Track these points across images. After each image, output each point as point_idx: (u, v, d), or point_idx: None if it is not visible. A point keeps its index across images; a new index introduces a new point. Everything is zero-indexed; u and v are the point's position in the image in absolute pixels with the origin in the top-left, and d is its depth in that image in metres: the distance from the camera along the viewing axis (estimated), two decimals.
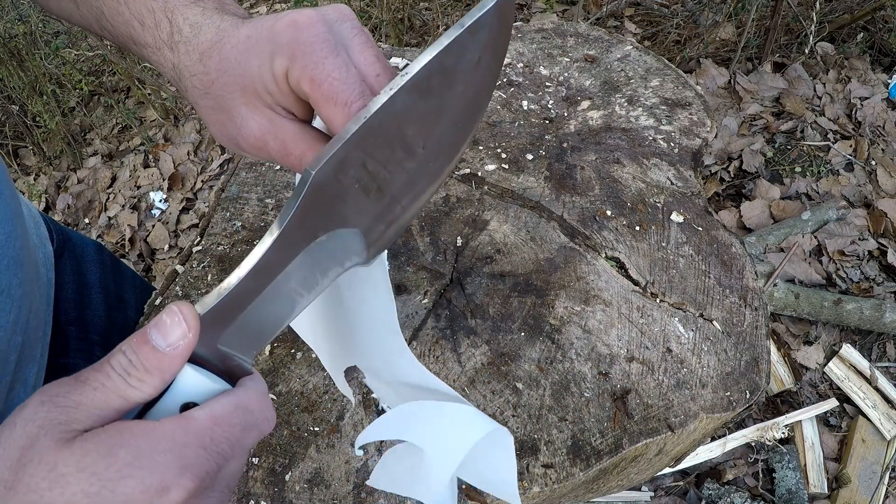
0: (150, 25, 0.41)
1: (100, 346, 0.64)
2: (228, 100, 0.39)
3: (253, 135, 0.39)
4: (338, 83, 0.35)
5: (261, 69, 0.37)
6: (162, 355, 0.30)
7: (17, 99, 2.37)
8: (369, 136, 0.33)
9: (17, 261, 0.49)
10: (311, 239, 0.34)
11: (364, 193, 0.35)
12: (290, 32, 0.36)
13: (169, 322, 0.30)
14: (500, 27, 0.38)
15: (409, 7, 2.38)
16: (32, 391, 0.53)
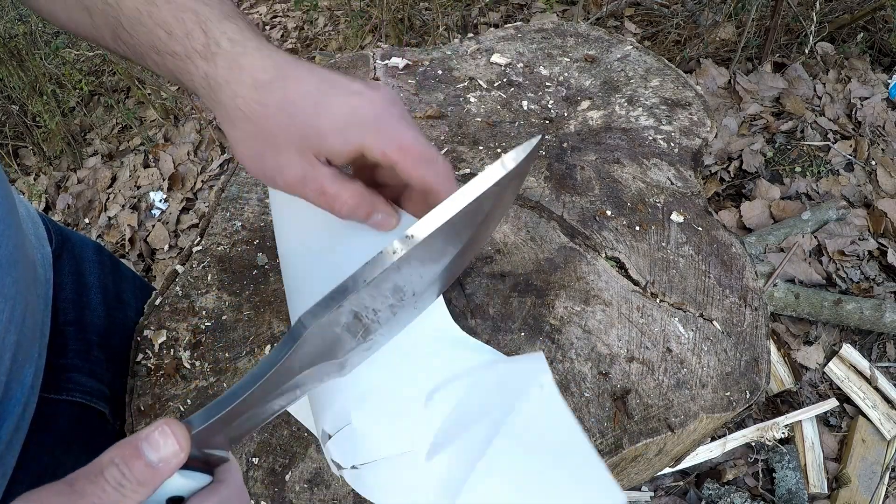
0: (180, 35, 0.43)
1: (98, 346, 0.64)
2: (282, 139, 0.42)
3: (294, 175, 0.43)
4: (423, 147, 0.42)
5: (332, 132, 0.41)
6: (154, 470, 0.31)
7: (17, 99, 2.37)
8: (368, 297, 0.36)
9: (11, 260, 0.49)
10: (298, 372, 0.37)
11: (351, 336, 0.38)
12: (372, 111, 0.42)
13: (161, 441, 0.32)
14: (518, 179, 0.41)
15: (409, 7, 2.38)
16: (30, 391, 0.53)
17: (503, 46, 1.01)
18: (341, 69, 0.98)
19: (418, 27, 2.48)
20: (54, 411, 0.57)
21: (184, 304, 0.67)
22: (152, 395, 0.61)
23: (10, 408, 0.50)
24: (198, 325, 0.65)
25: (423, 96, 0.92)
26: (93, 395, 0.61)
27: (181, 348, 0.64)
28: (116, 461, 0.31)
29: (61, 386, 0.59)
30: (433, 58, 1.00)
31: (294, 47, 2.85)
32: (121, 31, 0.45)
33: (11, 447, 0.51)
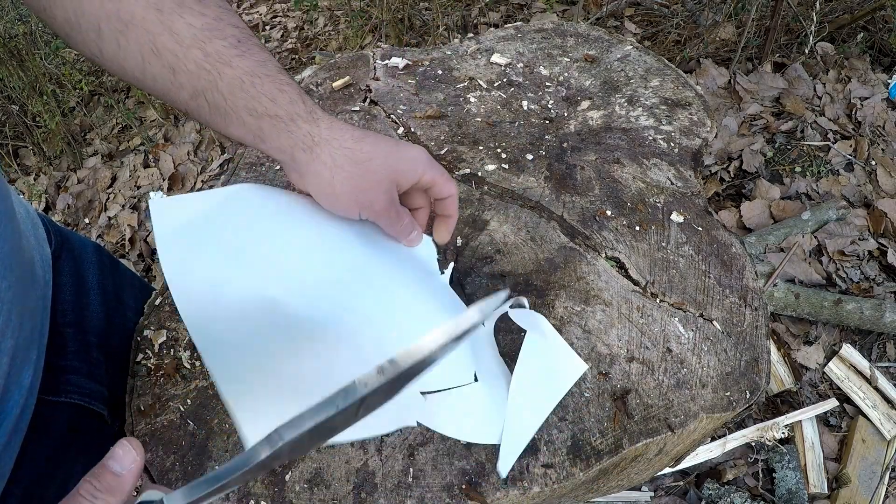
0: (284, 102, 0.53)
1: (98, 347, 0.64)
2: (380, 176, 0.56)
3: (386, 201, 0.57)
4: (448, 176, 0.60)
5: (407, 170, 0.57)
6: (119, 478, 0.38)
7: (17, 99, 2.37)
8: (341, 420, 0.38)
9: (7, 264, 0.49)
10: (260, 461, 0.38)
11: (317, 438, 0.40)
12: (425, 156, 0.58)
13: (122, 453, 0.39)
14: None
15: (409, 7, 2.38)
16: (29, 393, 0.53)
17: (503, 46, 1.01)
18: (341, 69, 0.98)
19: (418, 27, 2.48)
20: (52, 413, 0.57)
21: None
22: (152, 395, 0.61)
23: (7, 410, 0.50)
24: None
25: (423, 96, 0.92)
26: (91, 397, 0.61)
27: (181, 348, 0.64)
28: (88, 478, 0.38)
29: (60, 388, 0.59)
30: (433, 58, 1.00)
31: (294, 47, 2.85)
32: (212, 93, 0.51)
33: (9, 449, 0.51)
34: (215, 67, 0.50)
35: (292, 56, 2.81)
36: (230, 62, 0.51)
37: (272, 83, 0.53)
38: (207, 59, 0.50)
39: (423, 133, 0.85)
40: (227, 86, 0.51)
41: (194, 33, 0.49)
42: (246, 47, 0.52)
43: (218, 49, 0.50)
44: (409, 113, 0.89)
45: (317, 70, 0.99)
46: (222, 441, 0.57)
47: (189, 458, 0.56)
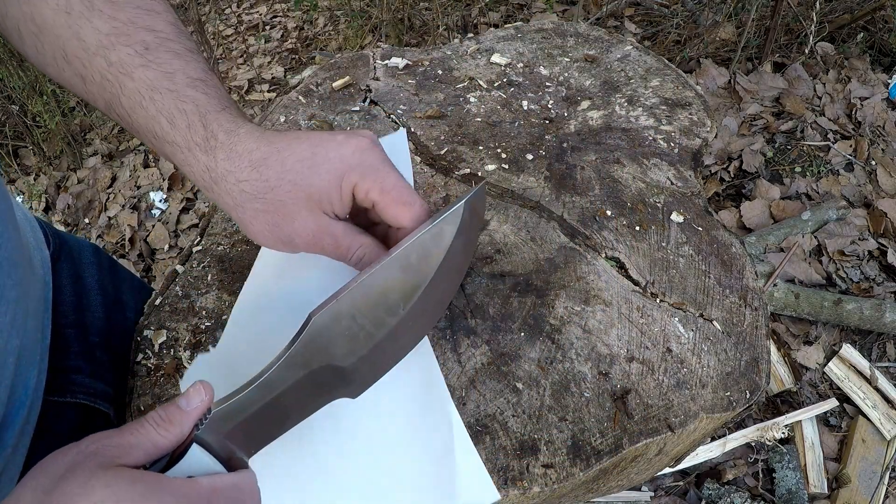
0: (182, 126, 0.45)
1: (100, 347, 0.64)
2: (290, 205, 0.46)
3: (310, 233, 0.47)
4: (403, 190, 0.47)
5: (329, 183, 0.46)
6: (184, 413, 0.40)
7: (17, 99, 2.37)
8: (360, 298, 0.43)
9: (11, 262, 0.49)
10: (308, 368, 0.42)
11: (352, 341, 0.44)
12: (359, 157, 0.46)
13: (193, 392, 0.40)
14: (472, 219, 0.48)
15: (409, 7, 2.38)
16: (34, 394, 0.53)
17: (503, 46, 1.01)
18: (341, 69, 0.98)
19: (418, 27, 2.48)
20: (58, 413, 0.57)
21: (184, 304, 0.67)
22: (152, 395, 0.61)
23: (15, 411, 0.50)
24: (198, 325, 0.65)
25: (423, 96, 0.92)
26: (96, 397, 0.61)
27: (181, 348, 0.64)
28: (157, 409, 0.40)
29: (65, 388, 0.59)
30: (433, 58, 1.00)
31: (294, 47, 2.85)
32: (118, 107, 0.46)
33: (18, 451, 0.51)
34: (117, 79, 0.45)
35: (292, 56, 2.81)
36: (132, 74, 0.44)
37: (174, 101, 0.45)
38: (111, 68, 0.45)
39: (423, 133, 0.85)
40: (128, 101, 0.45)
41: (100, 39, 0.44)
42: (154, 55, 0.45)
43: (122, 58, 0.44)
44: (409, 113, 0.89)
45: (317, 70, 0.99)
46: None
47: None
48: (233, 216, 0.48)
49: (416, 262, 0.45)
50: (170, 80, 0.45)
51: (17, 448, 0.50)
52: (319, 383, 0.44)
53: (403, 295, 0.46)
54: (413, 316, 0.47)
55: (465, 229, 0.48)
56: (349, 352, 0.44)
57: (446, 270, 0.48)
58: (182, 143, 0.45)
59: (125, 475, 0.35)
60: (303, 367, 0.42)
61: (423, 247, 0.45)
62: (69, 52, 0.45)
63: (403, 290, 0.45)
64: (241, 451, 0.42)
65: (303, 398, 0.44)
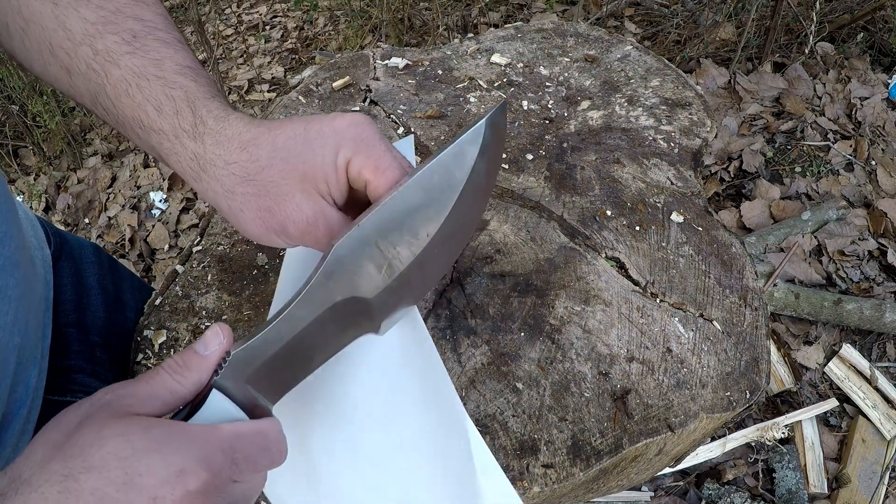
0: (169, 113, 0.43)
1: (100, 347, 0.64)
2: (283, 186, 0.42)
3: (306, 219, 0.43)
4: (397, 171, 0.43)
5: (325, 158, 0.42)
6: (202, 358, 0.37)
7: (17, 99, 2.37)
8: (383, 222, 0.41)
9: (13, 261, 0.49)
10: (331, 301, 0.40)
11: (377, 270, 0.42)
12: (354, 130, 0.43)
13: (210, 335, 0.38)
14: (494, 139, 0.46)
15: (409, 7, 2.38)
16: (35, 393, 0.53)
17: (503, 46, 1.01)
18: (341, 69, 0.98)
19: (418, 27, 2.48)
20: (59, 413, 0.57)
21: (184, 304, 0.67)
22: None
23: (15, 410, 0.50)
24: (198, 325, 0.65)
25: (423, 96, 0.92)
26: None
27: (181, 348, 0.64)
28: (174, 356, 0.38)
29: (65, 387, 0.59)
30: (433, 58, 1.00)
31: (294, 47, 2.85)
32: (103, 98, 0.44)
33: (18, 450, 0.51)
34: (103, 67, 0.43)
35: (292, 56, 2.81)
36: (118, 62, 0.43)
37: (162, 87, 0.43)
38: (96, 57, 0.43)
39: (423, 133, 0.85)
40: (114, 90, 0.43)
41: (86, 28, 0.43)
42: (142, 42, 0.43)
43: (108, 46, 0.43)
44: (409, 113, 0.89)
45: (317, 70, 0.99)
46: None
47: None
48: (222, 207, 0.45)
49: (439, 183, 0.43)
50: (157, 67, 0.43)
51: (17, 447, 0.50)
52: (343, 318, 0.42)
53: (427, 218, 0.43)
54: (438, 241, 0.45)
55: (488, 149, 0.45)
56: (373, 282, 0.42)
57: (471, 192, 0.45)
58: (169, 130, 0.43)
59: (140, 423, 0.33)
60: (325, 300, 0.40)
61: (445, 167, 0.43)
62: (55, 43, 0.44)
63: (427, 213, 0.43)
64: (264, 398, 0.40)
65: (326, 335, 0.42)
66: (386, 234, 0.42)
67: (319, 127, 0.43)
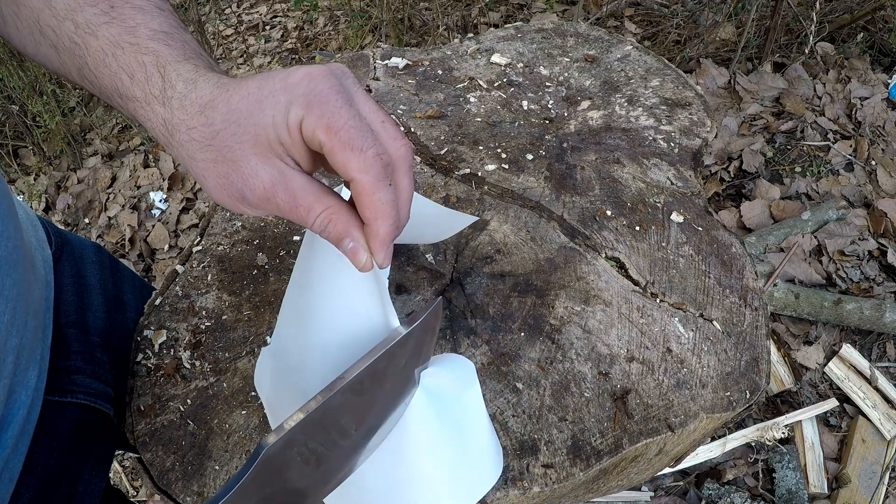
0: (141, 79, 0.42)
1: (101, 347, 0.64)
2: (237, 150, 0.39)
3: (262, 185, 0.39)
4: (354, 131, 0.37)
5: (275, 118, 0.38)
6: None
7: (17, 99, 2.37)
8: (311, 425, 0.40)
9: (10, 261, 0.48)
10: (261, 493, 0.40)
11: (305, 464, 0.42)
12: (306, 84, 0.38)
13: None
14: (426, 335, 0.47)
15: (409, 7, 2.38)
16: (34, 394, 0.53)
17: (503, 46, 1.01)
18: None
19: (418, 27, 2.48)
20: (59, 413, 0.57)
21: (184, 304, 0.67)
22: (152, 395, 0.61)
23: (14, 411, 0.50)
24: (198, 325, 0.65)
25: (423, 96, 0.92)
26: (97, 397, 0.61)
27: (181, 348, 0.64)
28: None
29: (65, 388, 0.59)
30: (433, 58, 1.00)
31: (294, 47, 2.85)
32: (86, 71, 0.44)
33: (17, 450, 0.51)
34: (83, 40, 0.43)
35: (292, 56, 2.81)
36: (96, 32, 0.43)
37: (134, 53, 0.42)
38: (77, 31, 0.44)
39: (423, 133, 0.85)
40: (94, 61, 0.43)
41: (68, 3, 0.44)
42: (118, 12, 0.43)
43: (88, 18, 0.43)
44: (409, 113, 0.89)
45: None
46: (222, 441, 0.57)
47: (189, 458, 0.56)
48: (191, 172, 0.43)
49: (369, 386, 0.43)
50: (132, 34, 0.43)
51: (16, 447, 0.50)
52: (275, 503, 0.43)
53: (355, 417, 0.44)
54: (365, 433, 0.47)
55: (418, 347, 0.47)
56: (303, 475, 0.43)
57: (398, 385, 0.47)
58: (141, 96, 0.42)
59: None
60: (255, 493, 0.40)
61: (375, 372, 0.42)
62: (42, 21, 0.44)
63: (355, 412, 0.43)
64: None
65: None
66: (314, 436, 0.41)
67: (272, 83, 0.39)
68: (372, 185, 0.38)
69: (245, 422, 0.58)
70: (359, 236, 0.41)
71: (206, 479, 0.55)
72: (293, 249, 0.71)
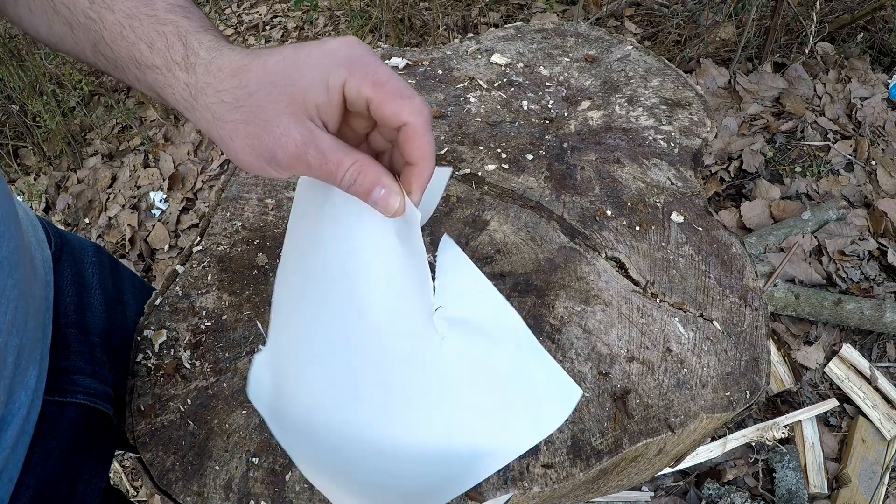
0: (161, 47, 0.44)
1: (100, 348, 0.64)
2: (271, 111, 0.41)
3: (294, 143, 0.41)
4: (399, 82, 0.41)
5: (313, 81, 0.41)
6: None
7: (17, 99, 2.37)
8: None
9: (12, 261, 0.48)
10: None
11: None
12: (346, 49, 0.41)
13: None
14: None
15: (409, 7, 2.38)
16: (34, 394, 0.53)
17: (503, 46, 1.01)
18: None
19: (418, 27, 2.48)
20: (58, 414, 0.57)
21: (184, 304, 0.67)
22: (152, 395, 0.61)
23: (14, 411, 0.50)
24: (198, 325, 0.65)
25: (423, 96, 0.92)
26: (96, 397, 0.61)
27: (181, 348, 0.64)
28: None
29: (65, 388, 0.59)
30: (433, 58, 1.00)
31: None
32: (102, 45, 0.46)
33: (16, 451, 0.51)
34: (99, 15, 0.45)
35: None
36: (112, 6, 0.45)
37: (153, 24, 0.44)
38: (93, 6, 0.45)
39: None
40: (110, 34, 0.45)
41: None
42: None
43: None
44: None
45: None
46: (222, 441, 0.57)
47: (189, 458, 0.56)
48: (214, 136, 0.44)
49: None
50: (149, 6, 0.45)
51: (15, 447, 0.50)
52: None
53: None
54: None
55: None
56: None
57: None
58: (161, 64, 0.44)
59: None
60: None
61: None
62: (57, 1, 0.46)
63: None
64: None
65: None
66: None
67: (309, 50, 0.42)
68: (424, 126, 0.42)
69: (245, 422, 0.58)
70: (390, 182, 0.43)
71: (206, 480, 0.55)
72: None
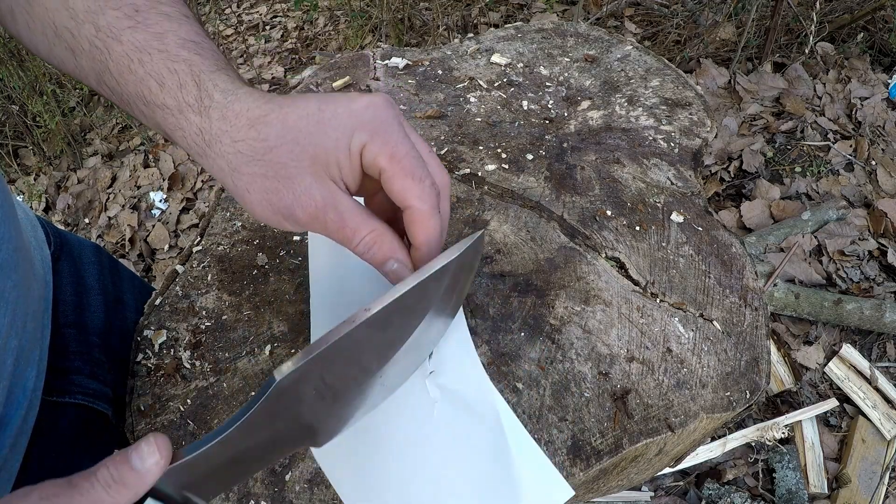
0: (172, 86, 0.42)
1: (99, 348, 0.64)
2: (292, 168, 0.40)
3: (315, 204, 0.40)
4: (414, 160, 0.40)
5: (338, 143, 0.40)
6: (138, 474, 0.35)
7: (17, 99, 2.37)
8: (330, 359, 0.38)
9: (11, 263, 0.48)
10: (271, 427, 0.39)
11: (320, 399, 0.41)
12: (372, 112, 0.40)
13: (146, 450, 0.35)
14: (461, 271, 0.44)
15: (409, 7, 2.38)
16: (33, 394, 0.53)
17: (503, 46, 1.01)
18: (341, 69, 0.98)
19: (418, 27, 2.48)
20: (57, 414, 0.57)
21: (184, 304, 0.67)
22: (152, 395, 0.61)
23: (12, 411, 0.50)
24: (198, 325, 0.65)
25: (423, 96, 0.92)
26: (95, 397, 0.61)
27: (181, 348, 0.64)
28: (108, 465, 0.35)
29: (64, 388, 0.59)
30: (433, 58, 1.00)
31: (294, 47, 2.85)
32: (107, 76, 0.44)
33: (15, 451, 0.51)
34: (105, 44, 0.42)
35: (292, 56, 2.81)
36: (120, 37, 0.42)
37: (164, 61, 0.42)
38: (99, 34, 0.43)
39: (423, 133, 0.85)
40: (116, 66, 0.43)
41: (88, 5, 0.43)
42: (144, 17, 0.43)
43: (110, 22, 0.42)
44: (409, 113, 0.89)
45: (317, 70, 0.99)
46: None
47: None
48: (227, 185, 0.43)
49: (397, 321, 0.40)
50: (160, 40, 0.42)
51: (14, 448, 0.50)
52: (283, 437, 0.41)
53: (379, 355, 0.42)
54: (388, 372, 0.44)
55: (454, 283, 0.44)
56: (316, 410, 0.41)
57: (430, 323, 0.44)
58: (172, 104, 0.42)
59: None
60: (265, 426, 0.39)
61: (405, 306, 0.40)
62: (58, 23, 0.44)
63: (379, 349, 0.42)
64: (200, 499, 0.39)
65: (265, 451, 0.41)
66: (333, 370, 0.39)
67: (335, 107, 0.40)
68: (429, 213, 0.41)
69: None
70: (404, 257, 0.43)
71: None
72: (293, 249, 0.71)
